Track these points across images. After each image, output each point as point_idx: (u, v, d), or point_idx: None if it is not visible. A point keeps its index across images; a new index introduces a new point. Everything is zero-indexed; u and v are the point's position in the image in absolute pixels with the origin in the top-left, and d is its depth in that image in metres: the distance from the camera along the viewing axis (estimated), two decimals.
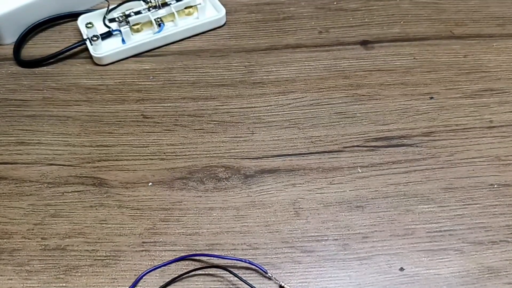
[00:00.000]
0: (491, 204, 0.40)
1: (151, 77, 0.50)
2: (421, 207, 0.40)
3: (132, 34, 0.52)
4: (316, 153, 0.44)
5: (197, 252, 0.38)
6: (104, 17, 0.52)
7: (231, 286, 0.37)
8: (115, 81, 0.50)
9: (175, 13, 0.52)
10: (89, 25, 0.51)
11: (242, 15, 0.55)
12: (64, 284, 0.37)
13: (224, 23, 0.54)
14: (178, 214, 0.40)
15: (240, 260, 0.37)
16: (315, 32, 0.53)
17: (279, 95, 0.48)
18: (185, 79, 0.50)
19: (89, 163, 0.44)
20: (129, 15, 0.52)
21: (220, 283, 0.37)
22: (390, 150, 0.44)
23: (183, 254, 0.38)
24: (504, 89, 0.48)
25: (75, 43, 0.51)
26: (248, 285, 0.36)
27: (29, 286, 0.37)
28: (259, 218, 0.40)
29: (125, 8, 0.53)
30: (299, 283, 0.37)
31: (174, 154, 0.44)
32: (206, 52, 0.52)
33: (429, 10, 0.55)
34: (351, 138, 0.45)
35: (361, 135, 0.45)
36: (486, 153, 0.43)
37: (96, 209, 0.41)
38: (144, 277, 0.37)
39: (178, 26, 0.52)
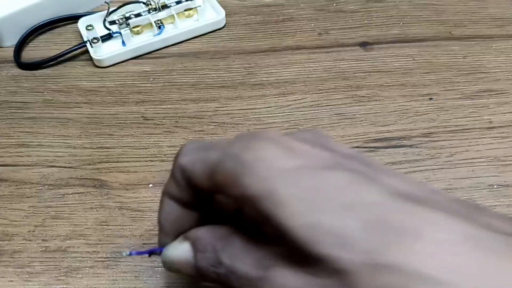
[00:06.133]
0: (491, 205, 0.40)
1: (151, 79, 0.50)
2: None
3: (132, 36, 0.52)
4: None
5: None
6: (105, 20, 0.52)
7: None
8: (116, 83, 0.50)
9: (175, 16, 0.52)
10: (90, 28, 0.51)
11: (242, 17, 0.55)
12: (65, 286, 0.37)
13: (224, 25, 0.54)
14: None
15: None
16: (314, 34, 0.53)
17: (279, 97, 0.48)
18: (185, 81, 0.50)
19: (90, 165, 0.44)
20: (129, 18, 0.52)
21: None
22: (390, 151, 0.44)
23: None
24: (503, 90, 0.48)
25: (76, 46, 0.51)
26: None
27: None
28: None
29: (125, 10, 0.53)
30: None
31: (175, 155, 0.44)
32: (206, 54, 0.52)
33: (428, 12, 0.55)
34: (350, 139, 0.45)
35: (361, 136, 0.45)
36: (485, 153, 0.43)
37: (97, 210, 0.41)
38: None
39: (178, 28, 0.52)
